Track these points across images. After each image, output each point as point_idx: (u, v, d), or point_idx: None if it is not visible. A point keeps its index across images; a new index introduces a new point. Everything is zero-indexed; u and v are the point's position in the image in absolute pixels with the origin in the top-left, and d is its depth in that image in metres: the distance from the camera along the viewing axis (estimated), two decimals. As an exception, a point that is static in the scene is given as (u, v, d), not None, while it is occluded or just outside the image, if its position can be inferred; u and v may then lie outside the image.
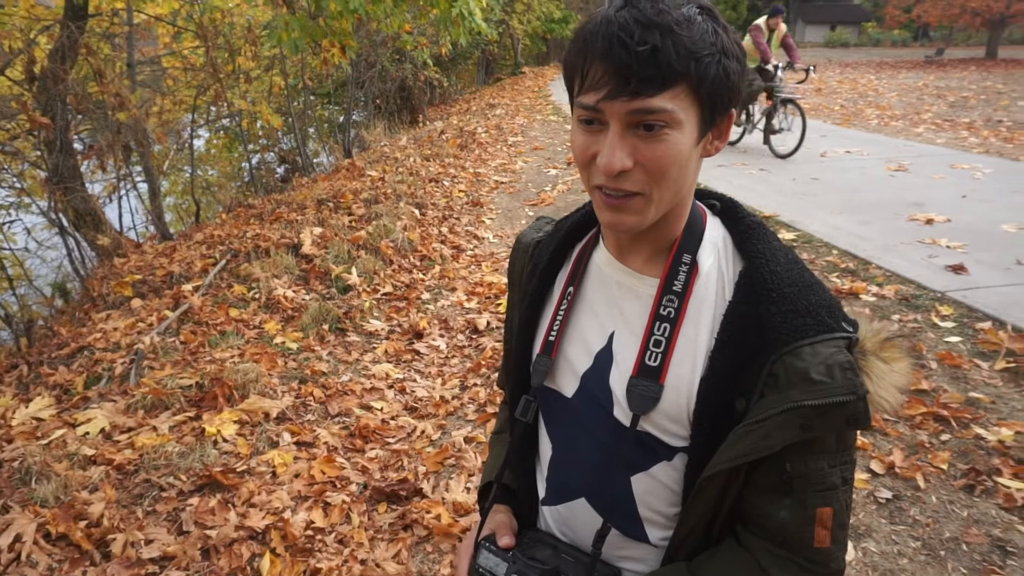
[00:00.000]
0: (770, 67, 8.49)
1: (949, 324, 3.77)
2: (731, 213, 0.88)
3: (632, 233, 0.82)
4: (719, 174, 7.72)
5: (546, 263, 0.95)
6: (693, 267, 0.82)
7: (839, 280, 4.48)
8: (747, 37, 8.74)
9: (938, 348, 3.53)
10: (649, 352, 0.81)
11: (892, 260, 4.77)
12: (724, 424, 0.77)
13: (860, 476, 2.65)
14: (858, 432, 0.79)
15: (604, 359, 0.86)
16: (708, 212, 0.88)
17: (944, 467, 2.66)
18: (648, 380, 0.81)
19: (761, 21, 8.88)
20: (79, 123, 7.26)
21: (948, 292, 4.17)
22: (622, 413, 0.84)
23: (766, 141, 8.62)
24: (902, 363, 0.78)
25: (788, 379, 0.74)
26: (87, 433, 2.98)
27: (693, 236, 0.83)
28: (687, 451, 0.82)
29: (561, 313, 0.90)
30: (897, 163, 7.95)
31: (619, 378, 0.84)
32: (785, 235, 5.44)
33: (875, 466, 2.71)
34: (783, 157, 8.32)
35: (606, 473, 0.87)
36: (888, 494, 2.56)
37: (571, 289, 0.91)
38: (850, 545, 2.33)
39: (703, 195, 0.91)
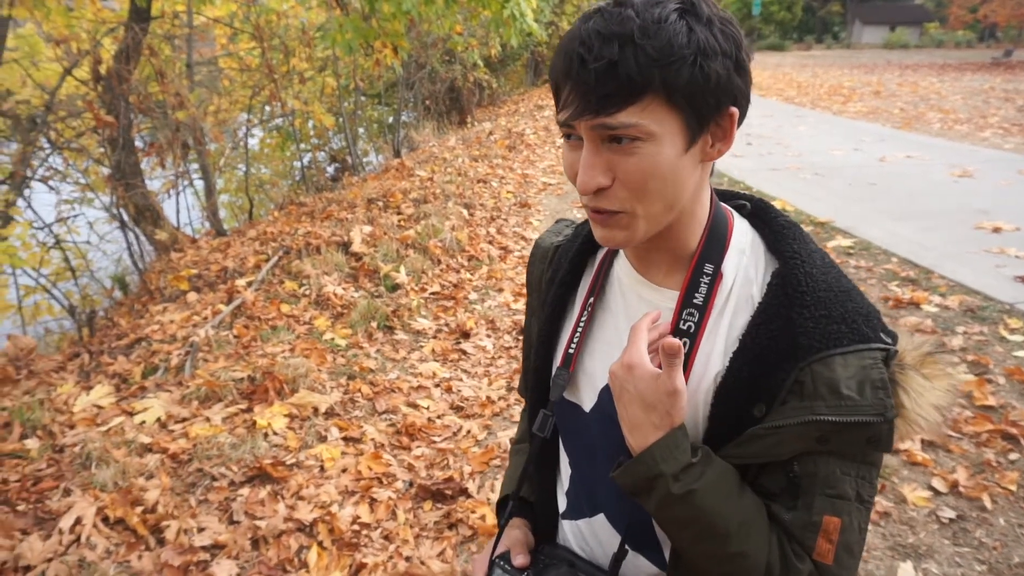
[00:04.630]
0: None
1: (1018, 338, 3.60)
2: (762, 214, 0.84)
3: (626, 248, 0.78)
4: (770, 178, 7.55)
5: (566, 271, 0.91)
6: (716, 278, 0.77)
7: (899, 289, 4.32)
8: None
9: (1006, 363, 3.37)
10: None
11: (956, 269, 4.58)
12: (739, 430, 0.74)
13: (922, 494, 2.54)
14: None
15: None
16: (735, 215, 0.83)
17: (1013, 488, 2.54)
18: None
19: None
20: (140, 122, 7.51)
21: (1017, 304, 3.98)
22: None
23: None
24: (944, 381, 0.73)
25: (815, 389, 0.70)
26: (144, 422, 3.06)
27: (716, 244, 0.78)
28: None
29: (581, 325, 0.87)
30: (961, 168, 7.65)
31: None
32: (841, 242, 5.29)
33: (937, 484, 2.59)
34: None
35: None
36: (952, 514, 2.45)
37: (592, 300, 0.87)
38: (910, 566, 2.23)
39: (731, 196, 0.87)
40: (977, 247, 5.01)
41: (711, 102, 0.68)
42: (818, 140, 10.02)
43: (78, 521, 2.38)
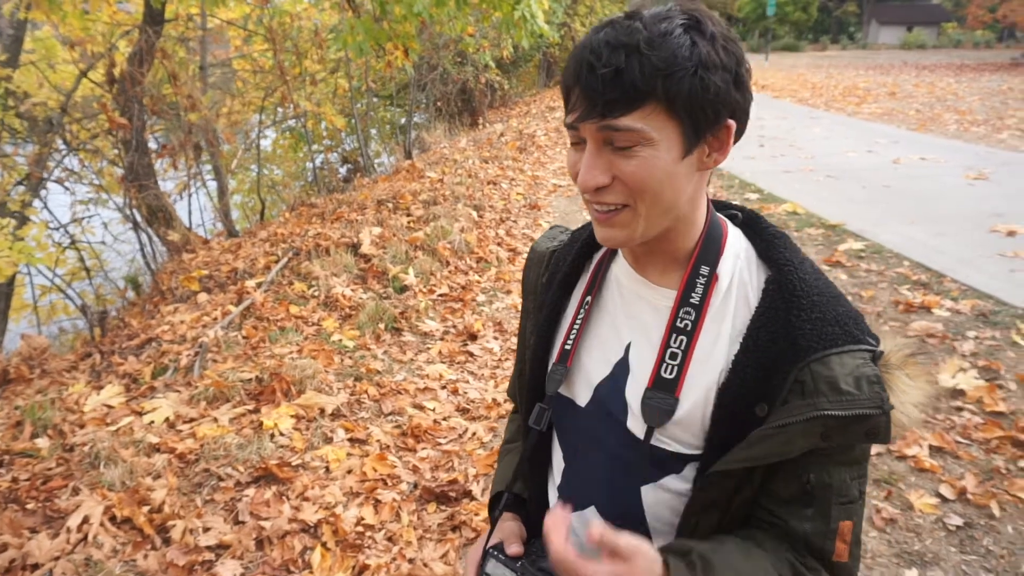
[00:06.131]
0: None
1: (1031, 343, 3.56)
2: (753, 224, 0.89)
3: (624, 247, 0.84)
4: (783, 180, 7.51)
5: (565, 273, 0.95)
6: (711, 279, 0.81)
7: (910, 293, 4.28)
8: None
9: (1018, 368, 3.33)
10: (665, 364, 0.81)
11: (969, 273, 4.53)
12: (742, 430, 0.77)
13: (929, 501, 2.52)
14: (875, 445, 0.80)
15: (621, 370, 0.87)
16: (729, 223, 0.88)
17: (1022, 496, 2.50)
18: (663, 393, 0.81)
19: None
20: (154, 123, 7.59)
21: (1030, 309, 3.93)
22: (636, 425, 0.84)
23: None
24: (923, 380, 0.78)
25: (816, 387, 0.74)
26: (152, 422, 3.09)
27: (712, 247, 0.83)
28: (699, 459, 0.82)
29: (578, 323, 0.91)
30: (977, 171, 7.57)
31: (635, 389, 0.85)
32: (853, 245, 5.24)
33: (945, 491, 2.57)
34: None
35: (617, 484, 0.87)
36: (959, 521, 2.42)
37: (588, 299, 0.91)
38: (916, 573, 2.21)
39: (725, 206, 0.92)
40: (991, 251, 4.95)
41: (709, 113, 0.72)
42: (832, 142, 9.95)
43: (86, 520, 2.41)
